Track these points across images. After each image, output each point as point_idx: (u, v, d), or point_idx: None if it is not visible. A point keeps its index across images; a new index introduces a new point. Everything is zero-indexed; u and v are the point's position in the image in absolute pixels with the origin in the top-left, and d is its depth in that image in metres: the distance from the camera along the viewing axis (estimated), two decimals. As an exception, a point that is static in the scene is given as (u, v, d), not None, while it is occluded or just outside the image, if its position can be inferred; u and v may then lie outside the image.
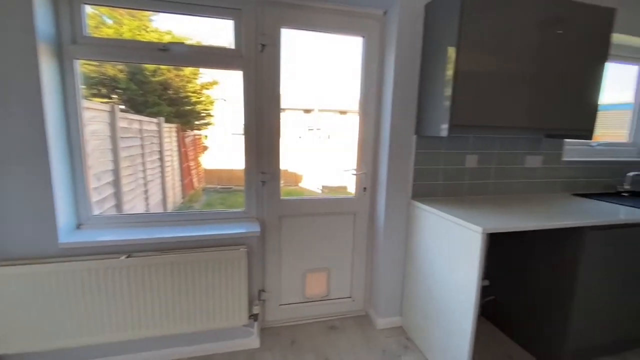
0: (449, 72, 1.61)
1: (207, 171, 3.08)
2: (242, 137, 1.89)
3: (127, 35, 1.86)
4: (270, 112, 1.87)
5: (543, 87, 1.73)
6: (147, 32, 2.12)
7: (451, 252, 1.63)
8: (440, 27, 1.70)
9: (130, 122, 2.29)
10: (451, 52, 1.60)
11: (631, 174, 2.36)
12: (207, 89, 2.62)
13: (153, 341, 1.73)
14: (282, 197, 1.99)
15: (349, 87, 2.13)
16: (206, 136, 2.95)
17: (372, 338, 1.99)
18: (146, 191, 2.53)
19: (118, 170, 2.13)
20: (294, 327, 2.08)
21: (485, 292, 2.09)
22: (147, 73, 2.39)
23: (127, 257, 1.57)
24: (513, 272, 1.98)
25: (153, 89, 2.42)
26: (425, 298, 1.84)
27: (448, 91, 1.62)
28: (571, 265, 1.65)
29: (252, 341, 1.88)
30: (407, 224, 2.02)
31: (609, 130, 2.74)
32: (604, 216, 1.68)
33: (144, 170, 2.50)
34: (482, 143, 2.08)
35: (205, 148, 2.98)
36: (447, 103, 1.63)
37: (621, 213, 1.78)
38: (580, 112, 1.85)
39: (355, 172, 2.10)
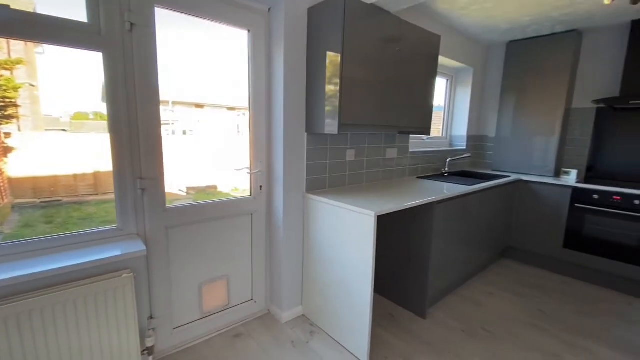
0: (336, 76, 1.77)
1: (15, 180, 2.29)
2: (108, 136, 1.52)
3: None
4: (146, 105, 1.57)
5: (396, 93, 2.13)
6: None
7: (347, 236, 1.83)
8: (324, 33, 1.84)
9: None
10: (336, 58, 1.76)
11: (448, 159, 3.24)
12: (6, 69, 1.94)
13: None
14: (167, 206, 1.72)
15: (227, 82, 2.04)
16: (9, 133, 2.19)
17: (279, 333, 2.02)
18: None
19: None
20: (194, 349, 1.86)
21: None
22: None
23: None
24: (382, 246, 2.39)
25: None
26: (326, 282, 2.00)
27: (336, 93, 1.78)
28: (426, 233, 2.14)
29: (146, 380, 1.58)
30: (303, 217, 2.12)
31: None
32: (441, 193, 2.24)
33: None
34: (357, 139, 2.39)
35: (8, 150, 2.21)
36: (336, 104, 1.79)
37: (450, 190, 2.41)
38: (421, 113, 2.38)
39: (250, 171, 2.03)
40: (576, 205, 2.81)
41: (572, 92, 3.18)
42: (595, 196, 2.71)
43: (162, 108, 1.65)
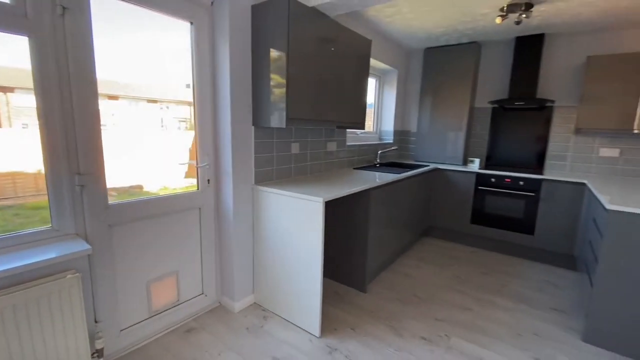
0: (282, 73, 1.88)
1: None
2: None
3: None
4: (82, 96, 1.47)
5: (334, 90, 2.32)
6: None
7: (297, 223, 1.96)
8: (269, 30, 1.92)
9: None
10: (281, 55, 1.87)
11: (379, 152, 3.59)
12: None
13: None
14: (110, 202, 1.64)
15: (154, 73, 1.97)
16: None
17: (233, 322, 2.07)
18: None
19: None
20: (144, 349, 1.80)
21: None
22: None
23: None
24: (325, 232, 2.59)
25: None
26: (277, 268, 2.11)
27: (282, 89, 1.89)
28: (364, 216, 2.40)
29: (95, 386, 1.50)
30: (253, 208, 2.19)
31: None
32: (376, 181, 2.52)
33: None
34: (300, 133, 2.53)
35: None
36: (283, 99, 1.90)
37: (383, 178, 2.72)
38: (356, 109, 2.63)
39: (197, 165, 2.02)
40: (479, 187, 3.41)
41: (475, 94, 3.80)
42: (493, 179, 3.33)
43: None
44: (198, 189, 2.06)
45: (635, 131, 2.83)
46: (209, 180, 2.08)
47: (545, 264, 3.13)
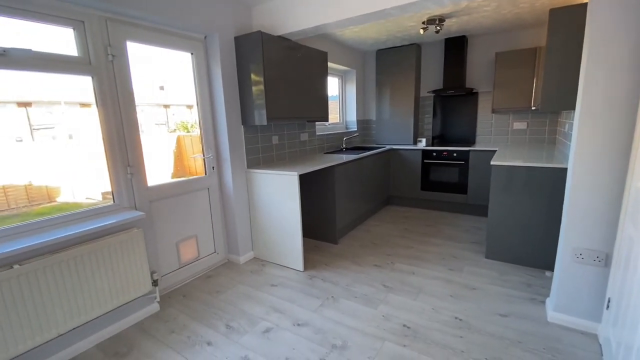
0: (261, 85, 2.62)
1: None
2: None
3: None
4: (127, 111, 2.16)
5: (302, 94, 3.08)
6: None
7: (281, 194, 2.73)
8: (249, 54, 2.65)
9: None
10: (259, 71, 2.61)
11: (345, 138, 4.39)
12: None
13: (66, 338, 1.77)
14: (149, 185, 2.35)
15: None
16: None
17: (240, 270, 2.83)
18: None
19: None
20: (178, 289, 2.55)
21: (295, 219, 3.40)
22: None
23: (19, 265, 1.57)
24: (305, 203, 3.37)
25: None
26: (270, 229, 2.88)
27: (262, 97, 2.64)
28: (331, 186, 3.19)
29: (153, 308, 2.24)
30: (247, 186, 2.94)
31: (331, 115, 4.74)
32: (339, 160, 3.32)
33: None
34: (278, 128, 3.28)
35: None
36: (263, 104, 2.65)
37: (344, 158, 3.51)
38: (320, 106, 3.40)
39: (204, 157, 2.75)
40: (425, 161, 4.28)
41: (419, 86, 4.65)
42: (434, 154, 4.20)
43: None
44: (206, 174, 2.79)
45: (533, 108, 3.74)
46: (213, 167, 2.81)
47: (475, 216, 4.06)
